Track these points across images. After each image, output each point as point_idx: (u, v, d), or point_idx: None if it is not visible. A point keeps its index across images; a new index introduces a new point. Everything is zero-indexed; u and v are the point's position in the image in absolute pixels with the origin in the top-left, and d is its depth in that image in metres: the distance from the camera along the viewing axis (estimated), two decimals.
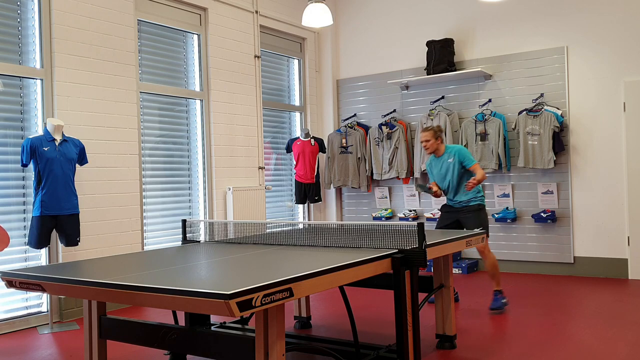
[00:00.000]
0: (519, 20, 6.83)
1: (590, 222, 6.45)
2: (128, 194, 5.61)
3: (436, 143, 5.09)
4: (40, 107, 5.05)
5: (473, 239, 3.97)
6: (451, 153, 5.09)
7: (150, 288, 2.36)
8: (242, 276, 2.54)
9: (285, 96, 7.86)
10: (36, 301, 5.04)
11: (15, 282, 2.92)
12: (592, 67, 6.43)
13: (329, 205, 8.09)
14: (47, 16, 5.07)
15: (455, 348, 3.97)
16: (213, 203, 6.50)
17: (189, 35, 6.47)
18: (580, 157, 6.50)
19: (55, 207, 4.63)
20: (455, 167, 5.05)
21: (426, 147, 5.11)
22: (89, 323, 3.30)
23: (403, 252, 3.19)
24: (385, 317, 4.87)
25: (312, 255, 3.14)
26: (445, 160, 5.11)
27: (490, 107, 6.91)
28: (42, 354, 4.15)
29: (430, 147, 5.09)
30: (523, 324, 4.53)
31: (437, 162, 5.18)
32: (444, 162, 5.12)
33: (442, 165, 5.13)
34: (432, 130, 5.08)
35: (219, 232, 4.19)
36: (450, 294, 4.01)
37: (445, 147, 5.16)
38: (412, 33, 7.54)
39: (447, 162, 5.10)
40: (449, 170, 5.08)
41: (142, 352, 4.05)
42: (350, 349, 3.31)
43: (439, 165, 5.16)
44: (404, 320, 3.18)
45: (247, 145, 6.97)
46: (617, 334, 4.16)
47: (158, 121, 6.11)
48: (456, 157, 5.05)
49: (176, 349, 3.01)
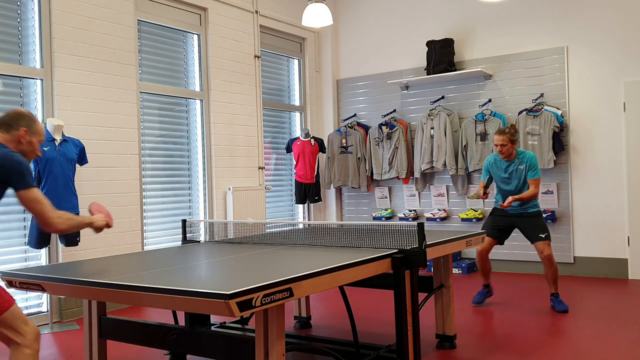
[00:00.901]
0: (519, 20, 6.83)
1: (590, 222, 6.45)
2: (128, 194, 5.61)
3: (512, 147, 4.91)
4: (40, 107, 5.05)
5: (473, 239, 3.97)
6: (523, 160, 4.93)
7: (150, 288, 2.36)
8: (242, 276, 2.54)
9: (285, 96, 7.86)
10: (36, 301, 5.04)
11: (15, 282, 2.92)
12: (592, 67, 6.43)
13: (329, 205, 8.09)
14: (47, 16, 5.07)
15: (455, 348, 3.97)
16: (213, 203, 6.50)
17: (189, 35, 6.47)
18: (580, 157, 6.50)
19: (55, 207, 4.61)
20: (524, 173, 4.92)
21: (501, 152, 4.90)
22: (89, 323, 3.30)
23: (403, 252, 3.19)
24: (385, 317, 4.86)
25: (312, 255, 3.14)
26: (516, 166, 4.95)
27: (490, 107, 6.91)
28: (42, 354, 4.15)
29: (506, 152, 4.89)
30: (523, 324, 4.53)
31: (503, 164, 5.00)
32: (514, 167, 4.95)
33: (512, 170, 4.96)
34: (509, 134, 4.86)
35: (219, 232, 4.19)
36: (450, 294, 4.01)
37: (517, 152, 4.99)
38: (412, 33, 7.54)
39: (518, 168, 4.94)
40: (518, 176, 4.94)
41: (142, 352, 4.05)
42: (350, 349, 3.31)
43: (506, 168, 4.98)
44: (404, 320, 3.18)
45: (247, 145, 6.97)
46: (617, 334, 4.16)
47: (158, 121, 6.11)
48: (527, 164, 4.91)
49: (176, 349, 3.01)
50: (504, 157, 4.95)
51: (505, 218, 5.05)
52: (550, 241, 4.93)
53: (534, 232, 4.94)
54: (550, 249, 4.91)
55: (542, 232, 4.91)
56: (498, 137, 4.88)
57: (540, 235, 4.91)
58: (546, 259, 4.89)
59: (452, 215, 7.28)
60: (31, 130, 2.77)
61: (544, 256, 4.89)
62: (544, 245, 4.88)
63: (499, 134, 4.88)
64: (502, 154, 4.92)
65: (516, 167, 4.96)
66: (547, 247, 4.88)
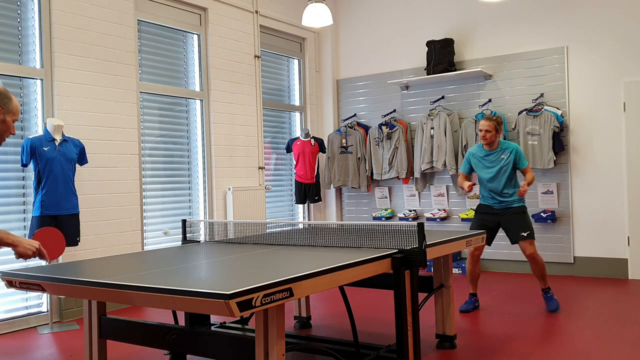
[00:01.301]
0: (519, 20, 6.83)
1: (590, 222, 6.45)
2: (128, 194, 5.61)
3: (496, 135, 4.93)
4: (40, 107, 5.05)
5: (473, 239, 3.97)
6: (507, 150, 4.94)
7: (150, 288, 2.36)
8: (242, 276, 2.54)
9: (285, 96, 7.86)
10: (36, 301, 5.04)
11: (15, 282, 2.92)
12: (592, 67, 6.43)
13: (329, 205, 8.09)
14: (47, 16, 5.07)
15: (455, 348, 3.97)
16: (213, 203, 6.50)
17: (189, 35, 6.47)
18: (580, 157, 6.50)
19: (55, 207, 4.63)
20: (509, 165, 4.92)
21: (484, 137, 4.92)
22: (89, 323, 3.30)
23: (403, 252, 3.19)
24: (385, 317, 4.86)
25: (312, 255, 3.14)
26: (498, 156, 4.95)
27: (490, 107, 6.91)
28: (42, 354, 4.15)
29: (490, 138, 4.91)
30: (523, 324, 4.53)
31: (485, 154, 5.00)
32: (496, 157, 4.95)
33: (494, 159, 4.96)
34: (495, 121, 4.91)
35: (219, 232, 4.19)
36: (450, 294, 4.01)
37: (499, 142, 5.00)
38: (412, 33, 7.54)
39: (500, 157, 4.94)
40: (501, 167, 4.93)
41: (142, 352, 4.05)
42: (350, 349, 3.31)
43: (488, 158, 4.98)
44: (404, 320, 3.18)
45: (247, 145, 6.97)
46: (617, 334, 4.16)
47: (158, 121, 6.11)
48: (512, 155, 4.91)
49: (176, 349, 3.01)
50: (486, 144, 4.97)
51: (490, 216, 5.01)
52: (533, 239, 4.91)
53: (517, 231, 4.92)
54: (534, 246, 4.90)
55: (524, 231, 4.89)
56: (484, 123, 4.93)
57: (522, 234, 4.90)
58: (530, 257, 4.90)
59: (452, 215, 7.28)
60: (6, 108, 2.51)
61: (528, 255, 4.90)
62: (525, 244, 4.88)
63: (486, 120, 4.94)
64: (485, 140, 4.94)
65: (498, 157, 4.96)
66: (529, 245, 4.88)
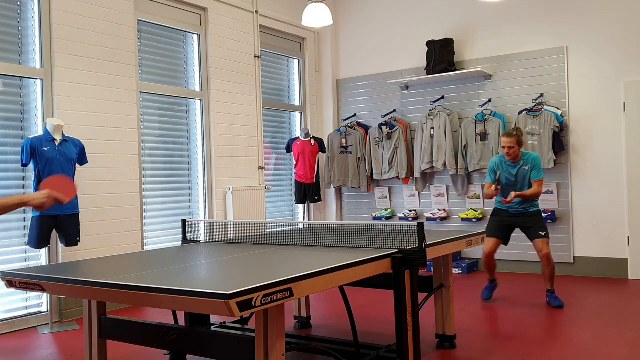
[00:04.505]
0: (519, 20, 6.83)
1: (590, 222, 6.45)
2: (128, 194, 5.61)
3: (519, 150, 5.03)
4: (40, 107, 5.05)
5: (473, 239, 3.97)
6: (528, 160, 5.06)
7: (150, 288, 2.36)
8: (242, 276, 2.54)
9: (285, 96, 7.86)
10: (36, 301, 5.04)
11: (15, 282, 2.92)
12: (592, 67, 6.42)
13: (329, 205, 8.09)
14: (47, 16, 5.07)
15: (455, 348, 3.97)
16: (213, 203, 6.50)
17: (189, 35, 6.47)
18: (580, 157, 6.50)
19: (55, 207, 4.62)
20: (528, 174, 5.04)
21: (508, 154, 5.02)
22: (89, 323, 3.30)
23: (403, 252, 3.19)
24: (385, 317, 4.86)
25: (312, 255, 3.14)
26: (521, 167, 5.07)
27: (490, 107, 6.91)
28: (42, 354, 4.15)
29: (513, 154, 5.01)
30: (523, 324, 4.53)
31: (509, 165, 5.11)
32: (519, 168, 5.07)
33: (517, 170, 5.08)
34: (517, 136, 4.98)
35: (219, 232, 4.19)
36: (450, 294, 4.01)
37: (522, 153, 5.10)
38: (412, 33, 7.54)
39: (523, 168, 5.06)
40: (523, 176, 5.06)
41: (142, 352, 4.05)
42: (350, 349, 3.31)
43: (512, 169, 5.10)
44: (404, 320, 3.18)
45: (247, 145, 6.97)
46: (617, 334, 4.16)
47: (158, 121, 6.11)
48: (531, 165, 5.03)
49: (176, 349, 3.01)
50: (511, 159, 5.07)
51: (509, 218, 5.18)
52: (548, 240, 5.09)
53: (535, 230, 5.10)
54: (549, 247, 5.08)
55: (541, 231, 5.08)
56: (506, 140, 4.99)
57: (540, 233, 5.08)
58: (545, 257, 5.05)
59: (452, 215, 7.28)
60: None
61: (543, 254, 5.04)
62: (542, 243, 5.05)
63: (507, 137, 4.99)
64: (509, 156, 5.04)
65: (521, 167, 5.08)
66: (545, 245, 5.05)
